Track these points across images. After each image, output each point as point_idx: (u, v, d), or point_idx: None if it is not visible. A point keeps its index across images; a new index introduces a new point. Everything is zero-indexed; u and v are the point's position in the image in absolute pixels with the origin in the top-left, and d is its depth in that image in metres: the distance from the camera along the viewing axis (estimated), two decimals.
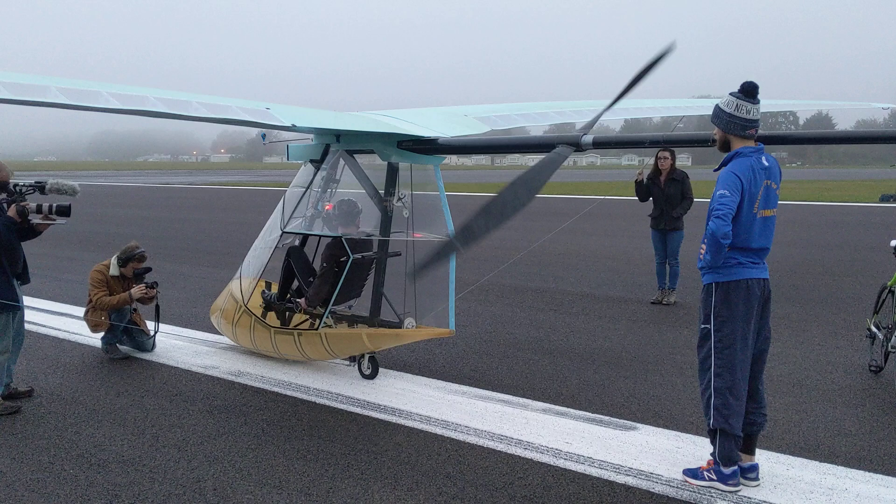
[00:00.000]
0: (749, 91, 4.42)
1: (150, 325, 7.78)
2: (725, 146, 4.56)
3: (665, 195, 10.09)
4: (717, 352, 4.51)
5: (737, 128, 4.45)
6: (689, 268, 9.94)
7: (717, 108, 4.53)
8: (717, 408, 4.49)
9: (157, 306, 7.67)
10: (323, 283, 6.80)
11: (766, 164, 4.48)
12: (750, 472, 4.62)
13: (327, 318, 6.77)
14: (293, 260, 7.22)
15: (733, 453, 4.51)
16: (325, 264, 6.81)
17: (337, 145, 6.83)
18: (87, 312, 7.56)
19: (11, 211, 6.03)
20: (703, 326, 4.60)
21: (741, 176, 4.35)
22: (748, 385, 4.58)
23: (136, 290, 7.46)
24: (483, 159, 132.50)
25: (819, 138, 5.94)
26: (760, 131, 4.57)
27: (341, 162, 6.98)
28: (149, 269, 7.75)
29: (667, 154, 10.11)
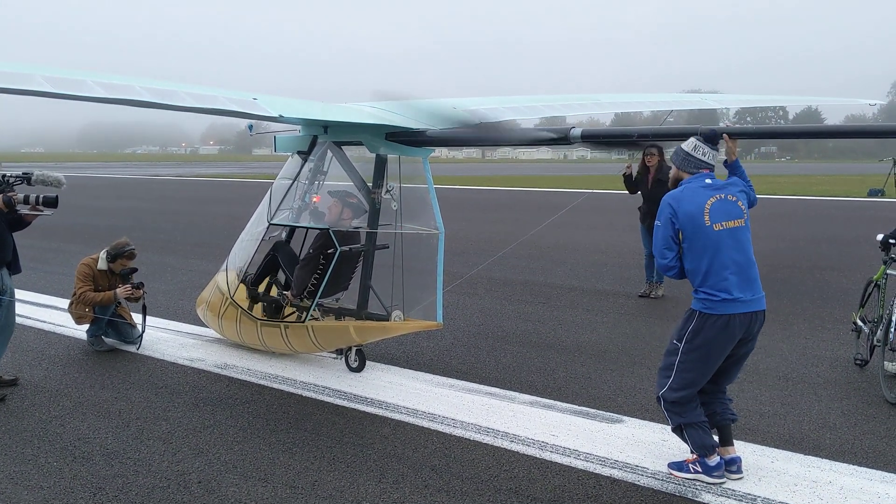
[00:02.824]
0: (710, 138, 4.66)
1: (136, 318, 7.72)
2: (676, 184, 4.74)
3: (651, 196, 10.06)
4: (677, 372, 4.58)
5: (690, 165, 4.66)
6: None
7: (678, 148, 4.73)
8: (669, 410, 4.62)
9: (144, 306, 7.60)
10: (306, 271, 6.76)
11: (709, 182, 4.59)
12: (731, 465, 4.64)
13: (314, 310, 6.75)
14: (280, 255, 7.18)
15: (706, 439, 4.55)
16: (311, 251, 6.79)
17: (325, 137, 6.79)
18: (71, 304, 7.52)
19: None
20: (674, 342, 4.64)
21: (669, 201, 4.55)
22: (709, 387, 4.67)
23: (122, 291, 7.40)
24: (474, 153, 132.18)
25: (808, 132, 5.94)
26: (751, 125, 4.64)
27: (329, 153, 6.94)
28: (135, 270, 7.69)
29: (654, 151, 10.06)
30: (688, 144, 4.67)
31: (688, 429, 4.58)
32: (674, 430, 4.72)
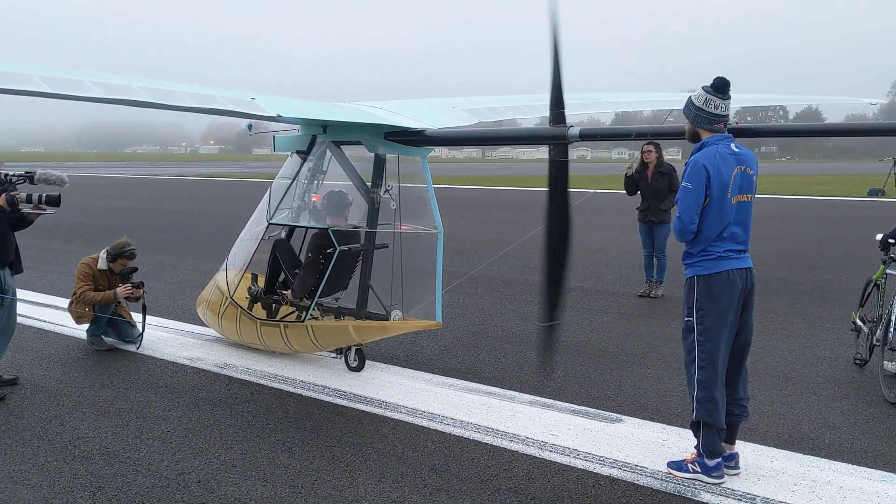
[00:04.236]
0: (719, 87, 4.48)
1: (136, 317, 7.72)
2: (695, 137, 4.64)
3: (652, 189, 10.09)
4: (700, 345, 4.53)
5: (703, 121, 4.53)
6: (676, 261, 9.97)
7: (688, 101, 4.60)
8: (701, 401, 4.53)
9: (144, 306, 7.59)
10: (308, 274, 6.76)
11: (736, 149, 4.51)
12: (729, 461, 4.65)
13: (314, 310, 6.75)
14: (279, 252, 7.16)
15: (717, 446, 4.54)
16: (310, 254, 6.79)
17: (323, 136, 6.79)
18: (71, 304, 7.52)
19: (1, 200, 6.02)
20: (686, 319, 4.63)
21: (706, 164, 4.41)
22: (730, 377, 4.62)
23: (122, 290, 7.40)
24: (474, 152, 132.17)
25: (809, 131, 5.94)
26: (751, 124, 4.61)
27: (328, 153, 6.94)
28: (135, 270, 7.68)
29: (651, 148, 10.12)
30: (697, 97, 4.49)
31: (706, 429, 4.53)
32: (691, 424, 4.67)
